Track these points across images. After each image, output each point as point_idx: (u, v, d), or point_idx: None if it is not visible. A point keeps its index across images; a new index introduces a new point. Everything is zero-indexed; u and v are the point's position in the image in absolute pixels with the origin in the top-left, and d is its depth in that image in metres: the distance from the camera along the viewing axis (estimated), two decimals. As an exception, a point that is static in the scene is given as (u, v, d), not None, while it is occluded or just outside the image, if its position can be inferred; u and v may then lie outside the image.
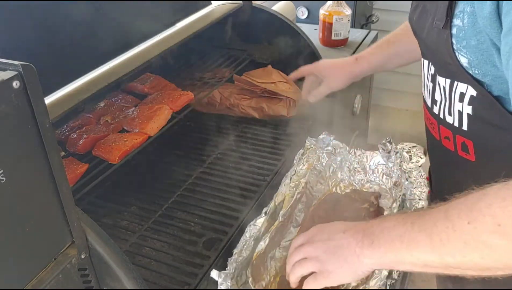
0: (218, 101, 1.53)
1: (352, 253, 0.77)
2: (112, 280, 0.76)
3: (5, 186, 0.58)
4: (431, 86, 0.92)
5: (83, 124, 1.18)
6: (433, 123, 0.95)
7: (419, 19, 0.90)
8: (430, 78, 0.92)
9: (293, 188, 1.15)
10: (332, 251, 0.79)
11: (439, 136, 0.94)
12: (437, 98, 0.90)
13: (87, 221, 0.74)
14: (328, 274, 0.80)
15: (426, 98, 0.96)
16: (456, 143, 0.89)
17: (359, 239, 0.77)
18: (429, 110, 0.96)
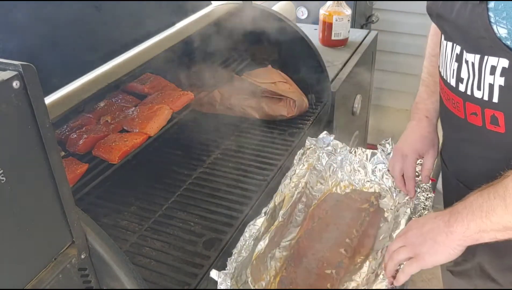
0: (218, 101, 1.53)
1: (440, 232, 0.85)
2: (112, 280, 0.76)
3: (5, 186, 0.58)
4: (456, 66, 0.95)
5: (83, 124, 1.18)
6: (458, 101, 0.98)
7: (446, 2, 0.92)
8: (455, 58, 0.95)
9: (293, 188, 1.15)
10: (424, 236, 0.88)
11: (465, 114, 0.97)
12: (463, 76, 0.93)
13: (87, 221, 0.74)
14: (422, 257, 0.88)
15: (448, 79, 0.99)
16: (484, 117, 0.92)
17: (446, 219, 0.85)
18: (452, 89, 0.98)
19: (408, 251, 0.90)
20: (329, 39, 1.96)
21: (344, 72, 1.74)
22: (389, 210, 1.18)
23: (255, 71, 1.54)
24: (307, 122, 1.48)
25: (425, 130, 1.19)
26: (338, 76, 1.72)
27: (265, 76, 1.51)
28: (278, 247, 1.08)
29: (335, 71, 1.74)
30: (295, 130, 1.44)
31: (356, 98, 1.89)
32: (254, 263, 0.98)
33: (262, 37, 1.57)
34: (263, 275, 1.01)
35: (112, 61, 1.10)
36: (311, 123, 1.47)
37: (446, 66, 0.99)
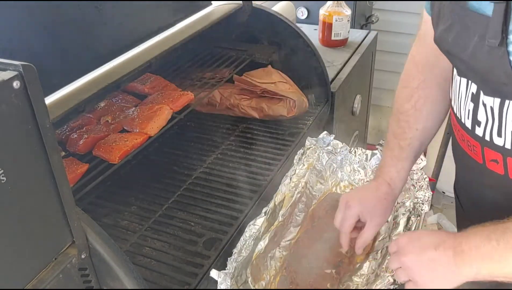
0: (218, 101, 1.53)
1: (447, 269, 0.80)
2: (112, 280, 0.76)
3: (5, 186, 0.58)
4: (471, 106, 0.85)
5: (83, 124, 1.18)
6: (475, 145, 0.88)
7: (458, 38, 0.81)
8: (471, 98, 0.84)
9: (293, 188, 1.15)
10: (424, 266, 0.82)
11: (483, 160, 0.88)
12: (480, 119, 0.83)
13: (88, 221, 0.74)
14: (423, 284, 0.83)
15: (463, 119, 0.89)
16: (507, 166, 0.84)
17: (450, 255, 0.79)
18: (468, 132, 0.88)
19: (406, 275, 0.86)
20: (329, 39, 1.96)
21: (344, 72, 1.74)
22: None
23: (255, 71, 1.54)
24: (307, 122, 1.48)
25: (382, 195, 1.02)
26: (338, 76, 1.72)
27: (265, 76, 1.51)
28: (278, 247, 1.08)
29: (335, 71, 1.74)
30: (295, 130, 1.44)
31: (356, 98, 1.89)
32: (254, 263, 0.98)
33: (262, 37, 1.57)
34: (263, 275, 1.01)
35: (112, 61, 1.10)
36: (311, 123, 1.47)
37: (460, 104, 0.89)
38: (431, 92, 1.00)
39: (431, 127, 1.03)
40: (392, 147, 1.04)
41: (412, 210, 1.10)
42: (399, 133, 1.02)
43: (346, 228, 1.01)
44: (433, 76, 1.00)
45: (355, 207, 1.00)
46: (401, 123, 1.02)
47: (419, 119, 1.01)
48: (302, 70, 1.54)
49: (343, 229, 1.02)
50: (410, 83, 1.02)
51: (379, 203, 1.01)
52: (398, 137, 1.03)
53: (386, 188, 1.03)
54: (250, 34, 1.55)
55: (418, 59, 1.03)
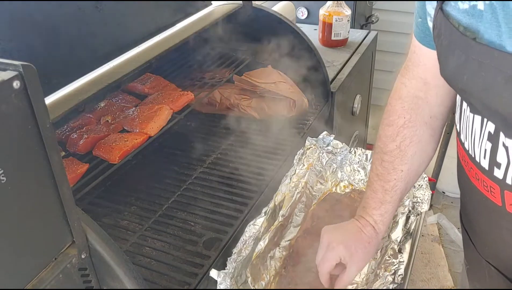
0: (218, 101, 1.53)
1: None
2: (113, 280, 0.76)
3: (5, 186, 0.58)
4: (489, 147, 0.77)
5: (83, 124, 1.19)
6: (494, 187, 0.81)
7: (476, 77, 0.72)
8: (487, 137, 0.77)
9: (293, 188, 1.15)
10: None
11: (503, 202, 0.81)
12: (500, 161, 0.76)
13: (88, 221, 0.74)
14: None
15: (477, 158, 0.81)
16: None
17: None
18: (485, 172, 0.81)
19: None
20: (329, 39, 1.96)
21: (344, 72, 1.74)
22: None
23: (255, 71, 1.54)
24: (307, 122, 1.48)
25: (365, 239, 0.96)
26: (338, 76, 1.72)
27: (265, 76, 1.51)
28: (278, 247, 1.08)
29: (335, 71, 1.74)
30: (295, 130, 1.44)
31: (356, 98, 1.89)
32: (254, 263, 0.98)
33: (262, 37, 1.57)
34: (263, 275, 1.01)
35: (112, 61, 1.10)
36: (311, 123, 1.47)
37: (474, 142, 0.81)
38: (417, 132, 0.93)
39: (417, 169, 0.96)
40: (376, 188, 0.97)
41: (412, 209, 1.10)
42: (382, 174, 0.96)
43: (326, 269, 0.95)
44: (420, 114, 0.92)
45: (338, 251, 0.93)
46: (385, 163, 0.96)
47: (404, 160, 0.94)
48: (302, 70, 1.54)
49: (323, 270, 0.95)
50: (395, 121, 0.95)
51: (362, 248, 0.95)
52: (381, 179, 0.96)
53: (371, 231, 0.96)
54: (250, 34, 1.55)
55: (404, 93, 0.94)
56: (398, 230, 1.03)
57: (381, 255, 1.03)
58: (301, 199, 1.18)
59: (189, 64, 1.51)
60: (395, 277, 0.92)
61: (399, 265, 0.94)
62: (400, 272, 0.93)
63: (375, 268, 1.01)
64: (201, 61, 1.52)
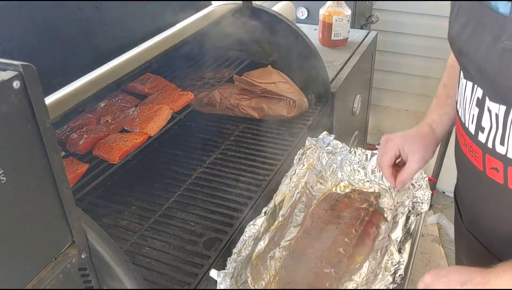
0: (218, 101, 1.53)
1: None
2: (112, 280, 0.76)
3: (5, 186, 0.58)
4: (476, 112, 0.83)
5: (83, 124, 1.19)
6: (477, 151, 0.87)
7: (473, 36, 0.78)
8: (476, 103, 0.83)
9: (293, 188, 1.15)
10: None
11: (484, 167, 0.86)
12: (484, 125, 0.82)
13: (88, 221, 0.74)
14: None
15: (467, 124, 0.88)
16: (507, 176, 0.82)
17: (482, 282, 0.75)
18: (471, 137, 0.87)
19: None
20: (329, 39, 1.96)
21: (344, 72, 1.74)
22: (389, 210, 1.18)
23: (255, 71, 1.54)
24: (307, 122, 1.48)
25: (423, 134, 1.05)
26: (338, 76, 1.72)
27: (265, 76, 1.51)
28: (278, 247, 1.08)
29: (335, 71, 1.74)
30: (295, 130, 1.44)
31: (356, 98, 1.89)
32: (254, 263, 0.99)
33: (262, 37, 1.57)
34: (262, 275, 1.01)
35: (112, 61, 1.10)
36: (311, 123, 1.47)
37: (465, 108, 0.88)
38: None
39: None
40: (440, 94, 1.11)
41: (412, 209, 1.10)
42: (448, 83, 1.08)
43: (386, 161, 1.06)
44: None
45: (395, 140, 1.06)
46: (452, 75, 1.06)
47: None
48: (302, 70, 1.54)
49: (383, 163, 1.06)
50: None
51: (419, 139, 1.05)
52: (447, 87, 1.09)
53: (428, 129, 1.08)
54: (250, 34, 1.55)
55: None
56: (398, 230, 1.03)
57: (381, 255, 1.03)
58: (301, 199, 1.18)
59: (189, 64, 1.51)
60: (395, 277, 0.92)
61: (399, 265, 0.94)
62: (400, 272, 0.93)
63: (375, 268, 1.01)
64: (201, 61, 1.52)
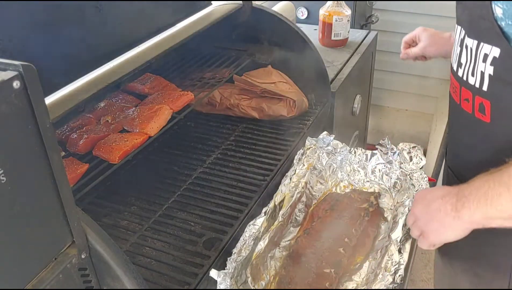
0: (218, 101, 1.53)
1: (447, 215, 0.87)
2: (112, 280, 0.76)
3: (5, 186, 0.58)
4: (458, 50, 0.99)
5: (83, 124, 1.19)
6: (456, 86, 1.01)
7: None
8: (459, 43, 0.98)
9: (293, 188, 1.15)
10: (430, 215, 0.90)
11: (460, 99, 1.00)
12: (462, 61, 0.96)
13: (88, 221, 0.74)
14: (428, 235, 0.92)
15: (453, 64, 1.03)
16: (474, 105, 0.95)
17: (453, 202, 0.86)
18: (454, 74, 1.02)
19: (417, 229, 0.94)
20: (329, 39, 1.96)
21: (344, 72, 1.74)
22: (389, 210, 1.18)
23: (255, 71, 1.54)
24: (307, 122, 1.48)
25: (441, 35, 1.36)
26: (338, 76, 1.72)
27: (265, 76, 1.51)
28: (278, 247, 1.09)
29: (335, 71, 1.74)
30: (295, 130, 1.44)
31: (356, 98, 1.89)
32: (254, 263, 0.99)
33: (262, 37, 1.57)
34: (262, 275, 1.01)
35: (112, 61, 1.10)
36: (311, 123, 1.47)
37: (454, 51, 1.03)
38: None
39: None
40: None
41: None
42: None
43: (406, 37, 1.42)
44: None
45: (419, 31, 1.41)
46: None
47: None
48: (302, 70, 1.54)
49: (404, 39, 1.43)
50: None
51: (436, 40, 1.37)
52: None
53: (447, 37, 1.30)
54: (250, 34, 1.55)
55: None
56: (398, 230, 1.03)
57: (381, 255, 1.03)
58: (301, 199, 1.18)
59: (189, 64, 1.51)
60: (395, 277, 0.92)
61: (399, 265, 0.94)
62: (400, 272, 0.93)
63: (375, 268, 1.01)
64: (201, 61, 1.52)
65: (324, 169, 1.26)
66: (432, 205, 0.90)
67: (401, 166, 1.19)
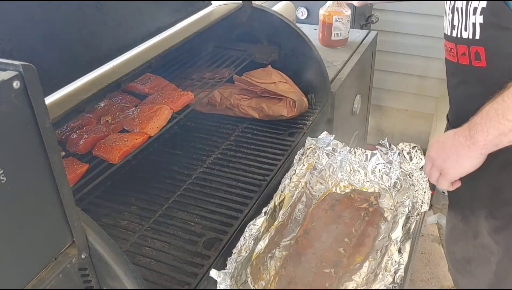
0: (218, 101, 1.53)
1: (462, 146, 0.96)
2: (112, 280, 0.76)
3: (5, 186, 0.58)
4: (450, 17, 1.10)
5: (83, 124, 1.19)
6: (452, 47, 1.11)
7: None
8: (450, 11, 1.10)
9: (293, 188, 1.15)
10: (446, 152, 1.00)
11: (457, 57, 1.09)
12: (455, 23, 1.07)
13: (88, 221, 0.74)
14: (447, 171, 1.01)
15: (446, 31, 1.13)
16: (470, 55, 1.05)
17: (466, 133, 0.95)
18: (448, 38, 1.13)
19: (436, 170, 1.03)
20: (329, 39, 1.96)
21: (344, 72, 1.74)
22: (389, 210, 1.18)
23: (255, 71, 1.54)
24: (307, 122, 1.48)
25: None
26: (338, 76, 1.72)
27: (265, 76, 1.51)
28: (278, 247, 1.09)
29: (335, 71, 1.74)
30: (295, 130, 1.44)
31: (356, 98, 1.89)
32: (254, 262, 0.99)
33: (262, 37, 1.57)
34: (263, 275, 1.01)
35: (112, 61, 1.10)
36: (311, 123, 1.47)
37: (445, 21, 1.13)
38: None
39: None
40: None
41: (412, 209, 1.10)
42: None
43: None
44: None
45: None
46: None
47: None
48: (302, 70, 1.54)
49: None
50: None
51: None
52: None
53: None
54: (250, 34, 1.55)
55: None
56: (398, 230, 1.03)
57: (381, 255, 1.03)
58: (301, 199, 1.19)
59: (189, 64, 1.51)
60: (395, 277, 0.92)
61: (399, 265, 0.94)
62: (400, 272, 0.93)
63: (375, 268, 1.01)
64: (201, 61, 1.52)
65: (324, 169, 1.26)
66: (446, 144, 0.99)
67: (401, 166, 1.19)
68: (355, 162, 1.25)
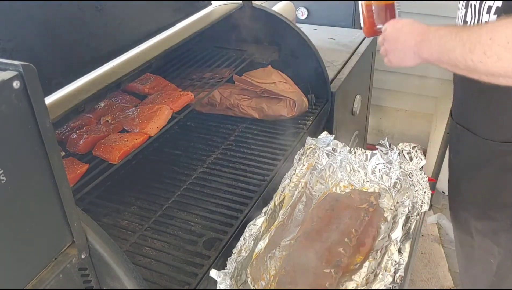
0: (218, 101, 1.53)
1: (410, 48, 1.05)
2: (112, 280, 0.76)
3: (5, 186, 0.58)
4: (464, 12, 1.11)
5: (83, 124, 1.19)
6: None
7: None
8: (464, 6, 1.11)
9: (293, 188, 1.15)
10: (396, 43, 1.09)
11: None
12: (468, 19, 1.09)
13: (88, 221, 0.74)
14: (390, 59, 1.13)
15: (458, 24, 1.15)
16: None
17: (418, 41, 1.02)
18: None
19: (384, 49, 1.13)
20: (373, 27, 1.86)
21: (344, 72, 1.74)
22: (389, 210, 1.18)
23: (255, 71, 1.54)
24: (307, 122, 1.48)
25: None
26: (338, 76, 1.72)
27: (265, 76, 1.51)
28: (278, 247, 1.08)
29: (335, 71, 1.74)
30: (295, 130, 1.44)
31: (356, 98, 1.89)
32: (254, 263, 0.99)
33: (262, 37, 1.57)
34: (262, 275, 1.01)
35: (112, 61, 1.10)
36: (311, 123, 1.47)
37: (458, 15, 1.15)
38: None
39: None
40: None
41: (412, 209, 1.10)
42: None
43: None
44: None
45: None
46: None
47: None
48: (302, 70, 1.54)
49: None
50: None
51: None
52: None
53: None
54: (250, 34, 1.55)
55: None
56: (398, 230, 1.03)
57: (381, 255, 1.03)
58: (301, 199, 1.18)
59: (189, 64, 1.51)
60: (395, 277, 0.92)
61: (399, 265, 0.94)
62: (400, 272, 0.93)
63: (375, 268, 1.01)
64: (201, 61, 1.52)
65: (324, 169, 1.26)
66: (400, 37, 1.08)
67: (401, 166, 1.19)
68: (355, 162, 1.25)
